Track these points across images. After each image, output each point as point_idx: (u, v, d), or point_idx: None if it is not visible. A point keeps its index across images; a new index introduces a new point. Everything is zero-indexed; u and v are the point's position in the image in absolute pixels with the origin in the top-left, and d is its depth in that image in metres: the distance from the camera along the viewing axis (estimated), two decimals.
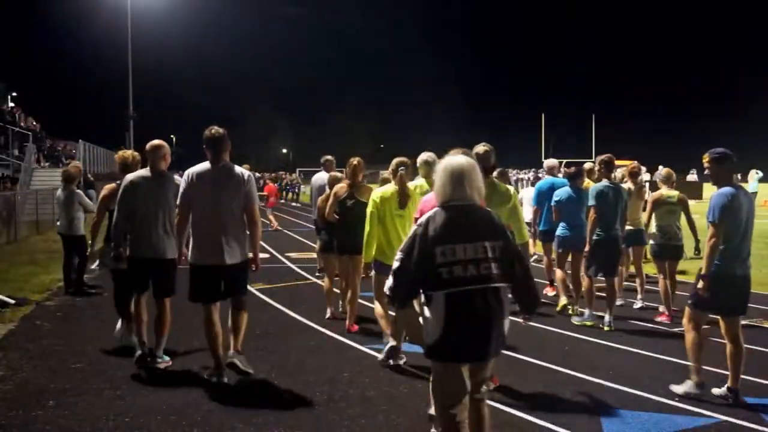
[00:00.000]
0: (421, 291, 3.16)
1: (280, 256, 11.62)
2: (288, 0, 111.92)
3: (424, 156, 5.53)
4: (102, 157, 31.48)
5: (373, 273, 5.53)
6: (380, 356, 5.42)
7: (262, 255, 5.77)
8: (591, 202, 6.65)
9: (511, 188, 5.12)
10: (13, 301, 7.43)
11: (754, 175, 28.19)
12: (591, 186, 6.94)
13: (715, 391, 4.72)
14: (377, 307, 5.66)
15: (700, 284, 4.60)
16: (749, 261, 4.75)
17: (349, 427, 4.10)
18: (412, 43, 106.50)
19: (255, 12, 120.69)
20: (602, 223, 6.61)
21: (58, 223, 8.50)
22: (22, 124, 25.48)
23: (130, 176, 5.27)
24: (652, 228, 7.16)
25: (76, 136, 30.43)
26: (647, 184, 16.98)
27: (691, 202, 27.71)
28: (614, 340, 6.13)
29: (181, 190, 4.96)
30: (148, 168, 5.27)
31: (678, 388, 4.76)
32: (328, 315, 6.93)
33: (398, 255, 3.20)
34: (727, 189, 4.57)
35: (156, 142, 5.34)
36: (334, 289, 7.05)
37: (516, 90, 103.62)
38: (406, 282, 3.14)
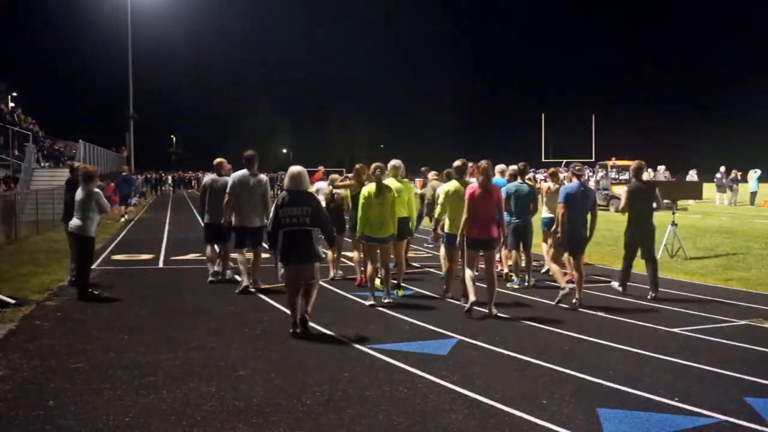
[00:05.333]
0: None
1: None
2: (289, 1, 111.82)
3: (393, 162, 8.43)
4: (102, 157, 31.45)
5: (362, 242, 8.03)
6: (368, 303, 7.60)
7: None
8: (503, 197, 8.55)
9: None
10: (13, 301, 7.42)
11: (753, 174, 28.18)
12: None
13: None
14: (369, 270, 7.77)
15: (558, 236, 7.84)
16: (584, 225, 7.78)
17: (349, 427, 4.10)
18: (412, 44, 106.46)
19: (255, 12, 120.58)
20: (516, 212, 8.96)
21: (72, 222, 8.09)
22: (22, 124, 25.45)
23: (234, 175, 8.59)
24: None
25: (76, 136, 30.45)
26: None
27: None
28: (614, 340, 6.14)
29: (229, 185, 8.44)
30: (246, 170, 8.48)
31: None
32: (330, 276, 9.30)
33: (270, 217, 6.50)
34: (574, 183, 7.91)
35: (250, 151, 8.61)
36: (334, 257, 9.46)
37: (516, 90, 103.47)
38: (272, 230, 6.28)
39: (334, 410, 4.35)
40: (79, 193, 8.07)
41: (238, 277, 8.79)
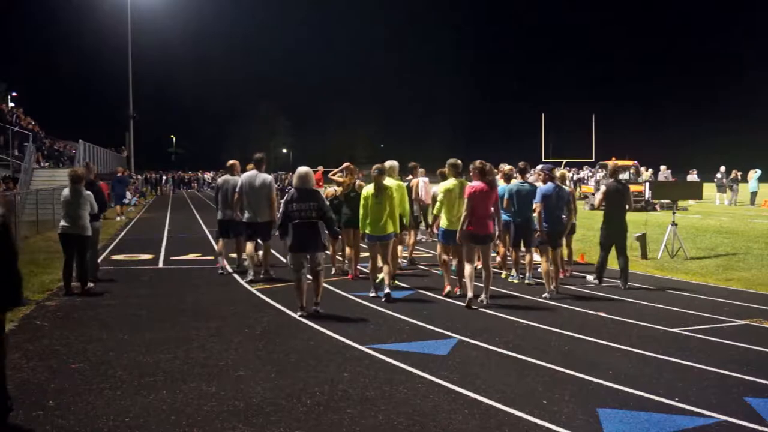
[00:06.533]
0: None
1: (279, 256, 11.64)
2: (288, 1, 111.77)
3: (380, 165, 8.50)
4: (102, 157, 31.45)
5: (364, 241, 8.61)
6: (371, 294, 8.11)
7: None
8: (506, 196, 9.25)
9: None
10: None
11: (753, 174, 28.14)
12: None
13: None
14: (370, 265, 8.33)
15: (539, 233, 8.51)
16: (561, 221, 8.50)
17: (349, 427, 4.10)
18: (412, 44, 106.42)
19: (255, 12, 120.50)
20: (518, 211, 9.22)
21: (62, 222, 8.26)
22: (22, 124, 25.43)
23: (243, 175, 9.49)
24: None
25: (76, 136, 30.45)
26: (647, 184, 16.93)
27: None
28: (614, 340, 6.14)
29: (238, 184, 9.32)
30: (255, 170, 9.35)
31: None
32: (333, 271, 9.81)
33: (280, 212, 7.32)
34: (549, 185, 8.46)
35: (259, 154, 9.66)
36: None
37: (516, 90, 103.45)
38: (283, 222, 7.09)
39: (334, 410, 4.35)
40: (66, 194, 8.28)
41: (227, 267, 10.07)
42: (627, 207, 9.19)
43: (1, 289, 4.02)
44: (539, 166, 9.53)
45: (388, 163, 9.12)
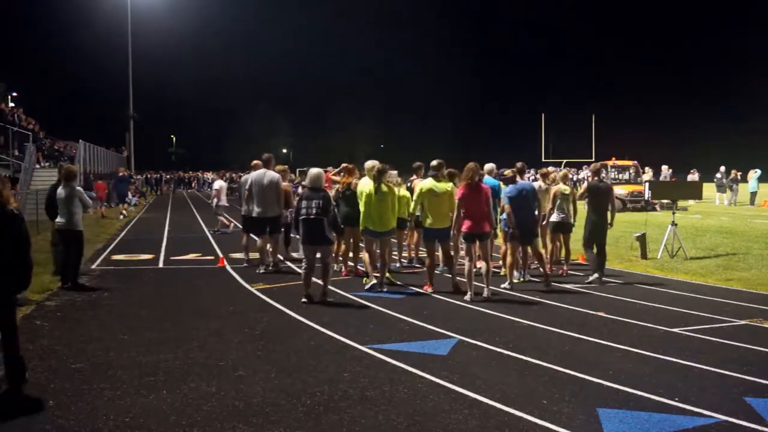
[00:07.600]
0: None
1: (280, 256, 11.63)
2: (288, 1, 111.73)
3: (381, 166, 8.75)
4: (102, 157, 31.46)
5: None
6: (367, 287, 8.46)
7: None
8: (500, 196, 9.17)
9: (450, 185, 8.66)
10: None
11: (753, 174, 28.14)
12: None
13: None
14: (366, 258, 8.74)
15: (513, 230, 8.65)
16: (529, 217, 8.71)
17: (349, 427, 4.10)
18: (412, 44, 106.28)
19: (255, 12, 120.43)
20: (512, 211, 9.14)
21: (58, 219, 8.64)
22: (22, 124, 25.42)
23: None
24: (554, 210, 9.89)
25: (76, 136, 30.45)
26: (647, 184, 16.95)
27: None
28: (614, 340, 6.14)
29: (249, 182, 10.14)
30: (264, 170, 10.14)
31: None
32: (335, 268, 9.77)
33: (297, 208, 7.87)
34: (519, 183, 8.75)
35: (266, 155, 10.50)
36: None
37: (516, 90, 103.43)
38: (296, 218, 7.79)
39: (334, 410, 4.35)
40: (61, 192, 8.65)
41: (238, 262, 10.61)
42: (611, 208, 9.37)
43: (15, 274, 4.52)
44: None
45: (368, 163, 9.18)
